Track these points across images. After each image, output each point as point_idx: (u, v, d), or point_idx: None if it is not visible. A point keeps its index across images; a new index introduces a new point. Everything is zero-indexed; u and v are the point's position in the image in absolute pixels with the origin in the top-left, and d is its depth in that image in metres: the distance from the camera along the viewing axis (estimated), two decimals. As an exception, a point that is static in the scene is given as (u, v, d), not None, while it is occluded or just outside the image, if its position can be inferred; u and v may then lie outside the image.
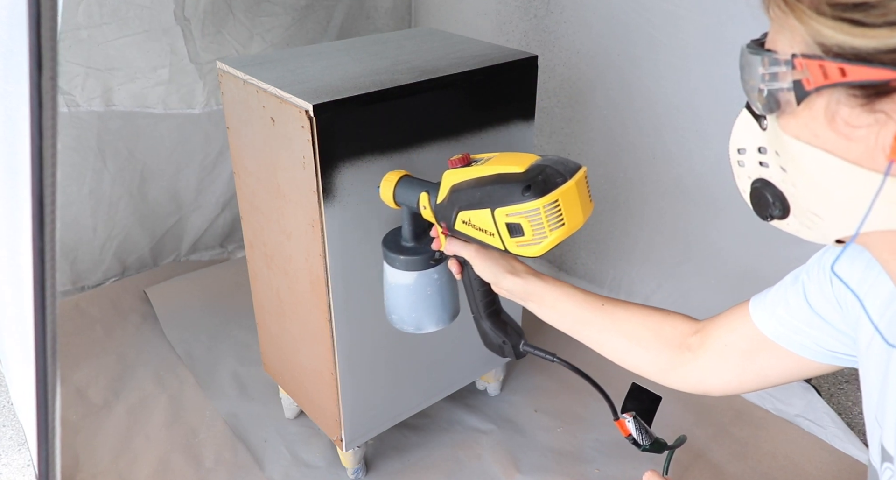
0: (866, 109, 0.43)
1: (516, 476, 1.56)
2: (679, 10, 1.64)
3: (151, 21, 1.91)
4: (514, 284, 0.89)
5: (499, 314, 0.98)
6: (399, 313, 1.05)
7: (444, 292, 1.03)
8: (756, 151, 0.54)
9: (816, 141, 0.47)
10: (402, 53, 1.34)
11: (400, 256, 1.00)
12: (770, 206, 0.54)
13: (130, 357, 1.92)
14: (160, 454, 1.61)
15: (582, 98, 1.95)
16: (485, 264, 0.89)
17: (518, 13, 2.01)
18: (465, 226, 0.85)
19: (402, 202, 0.97)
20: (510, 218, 0.79)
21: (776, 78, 0.47)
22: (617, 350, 0.87)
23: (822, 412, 1.69)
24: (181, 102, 2.06)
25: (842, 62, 0.42)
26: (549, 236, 0.78)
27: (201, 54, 2.01)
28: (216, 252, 2.37)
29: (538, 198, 0.77)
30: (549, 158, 0.82)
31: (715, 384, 0.80)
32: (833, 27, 0.41)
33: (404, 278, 1.01)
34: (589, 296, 0.88)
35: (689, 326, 0.82)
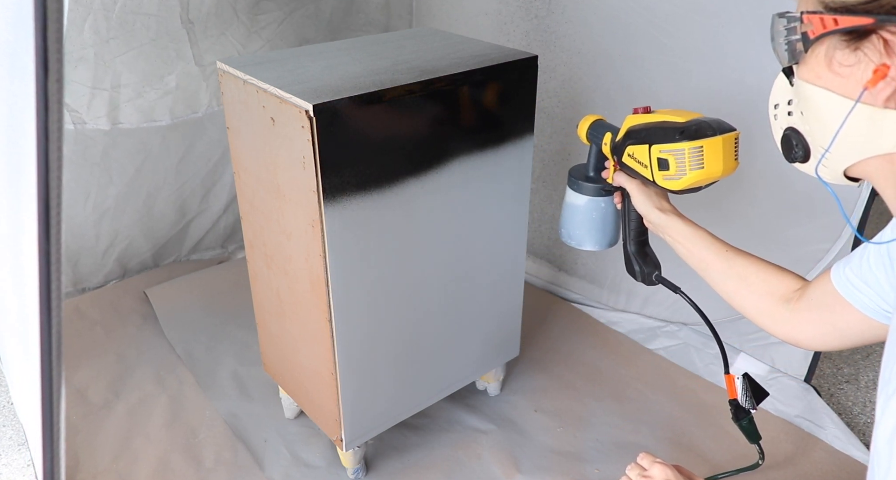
0: (853, 50, 0.57)
1: (516, 476, 1.56)
2: (680, 11, 1.64)
3: (158, 29, 1.90)
4: (660, 218, 1.07)
5: (645, 245, 1.18)
6: (568, 228, 1.23)
7: (606, 220, 1.21)
8: (786, 103, 0.68)
9: (819, 81, 0.61)
10: (402, 53, 1.34)
11: (579, 181, 1.19)
12: (794, 148, 0.68)
13: (130, 358, 1.92)
14: (160, 454, 1.61)
15: (583, 98, 1.95)
16: (640, 198, 1.08)
17: (519, 13, 2.01)
18: (629, 159, 1.03)
19: (591, 139, 1.16)
20: (662, 154, 0.97)
21: (792, 32, 0.62)
22: (729, 290, 1.00)
23: (822, 413, 1.69)
24: (187, 109, 2.05)
25: (835, 14, 0.57)
26: (688, 174, 0.95)
27: (204, 56, 2.01)
28: (217, 252, 2.37)
29: (687, 141, 0.94)
30: (710, 117, 0.97)
31: (803, 335, 0.91)
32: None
33: (578, 199, 1.20)
34: (717, 241, 1.03)
35: (796, 282, 0.94)
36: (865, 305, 0.79)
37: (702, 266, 1.03)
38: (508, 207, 1.48)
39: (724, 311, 1.88)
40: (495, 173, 1.41)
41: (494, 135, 1.37)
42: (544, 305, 2.15)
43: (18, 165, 0.53)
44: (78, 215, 2.02)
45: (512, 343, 1.70)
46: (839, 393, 1.87)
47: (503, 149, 1.40)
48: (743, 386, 1.05)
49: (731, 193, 1.67)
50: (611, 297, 2.10)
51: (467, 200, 1.38)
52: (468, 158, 1.34)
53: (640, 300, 2.04)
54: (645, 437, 1.64)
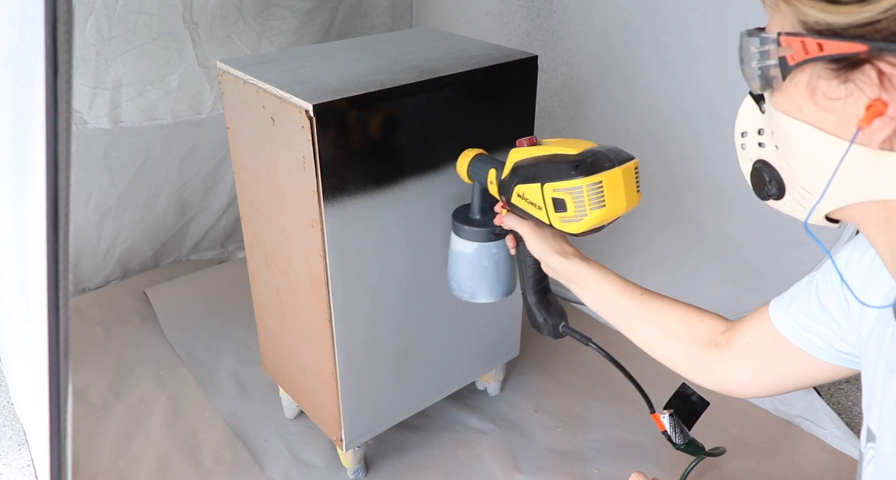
0: (841, 82, 0.47)
1: (516, 476, 1.55)
2: (682, 10, 1.64)
3: (160, 28, 1.90)
4: (561, 264, 0.95)
5: (546, 292, 1.05)
6: (458, 280, 1.14)
7: (500, 267, 1.11)
8: (756, 133, 0.58)
9: (800, 114, 0.51)
10: (402, 53, 1.34)
11: (465, 226, 1.09)
12: (767, 185, 0.58)
13: (130, 357, 1.91)
14: (160, 454, 1.61)
15: (584, 98, 1.95)
16: (536, 242, 0.96)
17: (521, 13, 2.01)
18: (520, 199, 0.93)
19: (474, 177, 1.07)
20: (556, 193, 0.86)
21: (766, 55, 0.52)
22: (649, 340, 0.90)
23: (821, 413, 1.69)
24: (189, 109, 2.05)
25: (820, 38, 0.47)
26: (589, 215, 0.85)
27: (209, 58, 2.01)
28: (217, 252, 2.37)
29: (583, 177, 0.83)
30: (604, 146, 0.88)
31: (738, 383, 0.82)
32: (813, 6, 0.46)
33: (466, 247, 1.11)
34: (629, 284, 0.92)
35: (721, 324, 0.85)
36: (818, 347, 0.71)
37: (614, 314, 0.93)
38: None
39: (722, 312, 1.88)
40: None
41: (495, 135, 1.36)
42: (544, 305, 2.15)
43: (23, 165, 0.53)
44: (79, 216, 2.02)
45: (512, 343, 1.70)
46: (839, 393, 1.87)
47: (504, 150, 1.39)
48: (671, 424, 0.97)
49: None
50: (611, 297, 2.10)
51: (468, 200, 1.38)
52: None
53: (640, 299, 2.04)
54: (645, 437, 1.64)
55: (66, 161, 0.41)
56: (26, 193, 0.51)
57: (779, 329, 0.75)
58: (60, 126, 0.40)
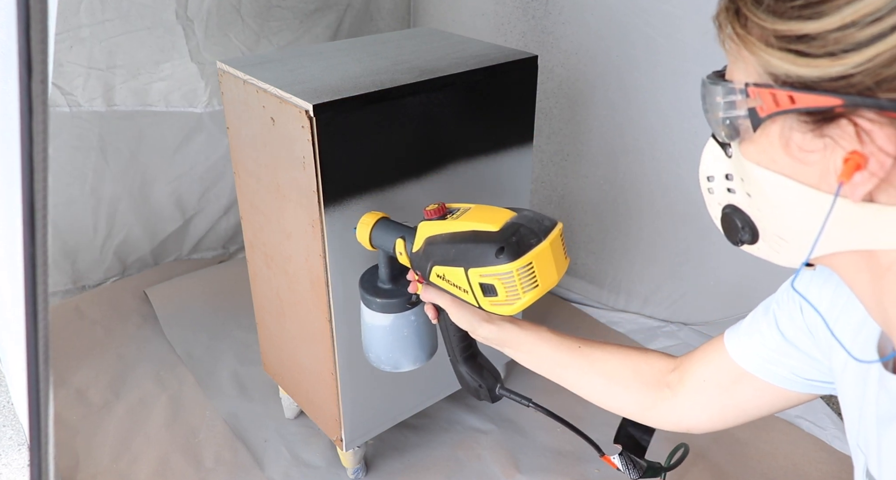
0: (816, 135, 0.45)
1: (516, 476, 1.56)
2: (677, 12, 1.64)
3: (153, 18, 1.91)
4: (490, 331, 0.89)
5: (475, 357, 0.97)
6: (376, 352, 1.05)
7: (420, 333, 1.03)
8: (724, 178, 0.56)
9: (775, 166, 0.49)
10: (402, 53, 1.34)
11: (376, 298, 0.99)
12: (739, 231, 0.55)
13: (130, 357, 1.92)
14: (160, 454, 1.61)
15: (580, 99, 1.95)
16: (460, 313, 0.88)
17: (517, 14, 2.01)
18: (440, 280, 0.84)
19: (379, 246, 0.97)
20: (484, 279, 0.79)
21: (733, 106, 0.49)
22: (596, 391, 0.87)
23: (821, 413, 1.69)
24: (183, 100, 2.06)
25: (790, 90, 0.44)
26: (523, 298, 0.78)
27: (204, 55, 2.01)
28: (218, 253, 2.38)
29: (512, 261, 0.76)
30: (524, 215, 0.82)
31: (696, 421, 0.79)
32: (781, 58, 0.44)
33: (381, 319, 1.01)
34: (565, 339, 0.88)
35: (667, 363, 0.82)
36: (785, 378, 0.69)
37: (556, 372, 0.89)
38: (509, 205, 1.48)
39: (722, 311, 1.89)
40: (496, 175, 1.41)
41: (495, 135, 1.37)
42: (544, 305, 2.15)
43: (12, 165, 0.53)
44: (75, 200, 2.02)
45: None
46: (839, 393, 1.87)
47: (504, 151, 1.40)
48: (622, 462, 0.93)
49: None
50: (611, 297, 2.10)
51: (469, 201, 1.38)
52: (468, 160, 1.34)
53: (640, 300, 2.04)
54: (645, 437, 1.64)
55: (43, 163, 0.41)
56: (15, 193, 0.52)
57: (739, 364, 0.72)
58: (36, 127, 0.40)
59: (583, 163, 2.03)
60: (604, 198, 2.00)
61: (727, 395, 0.74)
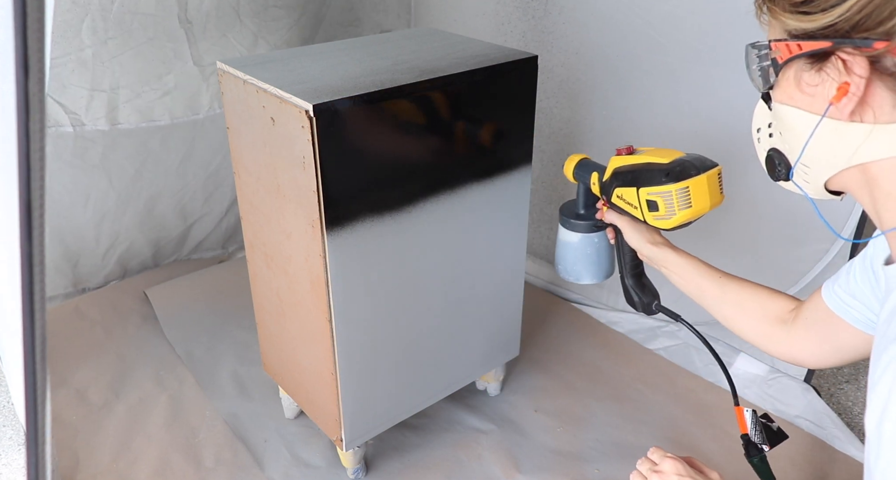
0: (817, 71, 0.61)
1: (516, 476, 1.56)
2: (677, 11, 1.64)
3: (156, 28, 1.89)
4: (652, 252, 1.10)
5: (641, 276, 1.19)
6: (564, 265, 1.26)
7: (601, 253, 1.23)
8: (767, 126, 0.73)
9: (792, 101, 0.66)
10: (402, 53, 1.34)
11: (570, 219, 1.21)
12: (777, 167, 0.72)
13: (130, 358, 1.92)
14: (160, 454, 1.61)
15: (580, 99, 1.95)
16: (632, 233, 1.11)
17: (517, 13, 2.01)
18: (619, 200, 1.06)
19: (578, 178, 1.19)
20: (650, 196, 1.00)
21: (763, 59, 0.67)
22: (726, 316, 1.03)
23: (821, 413, 1.69)
24: (187, 110, 2.05)
25: (798, 40, 0.61)
26: (678, 214, 0.98)
27: (204, 57, 2.01)
28: (217, 252, 2.38)
29: (673, 183, 0.97)
30: (692, 155, 1.01)
31: (802, 354, 0.94)
32: (793, 18, 0.61)
33: (572, 237, 1.22)
34: (710, 269, 1.06)
35: (789, 303, 0.97)
36: (857, 319, 0.82)
37: (698, 294, 1.07)
38: (509, 207, 1.48)
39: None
40: (498, 178, 1.41)
41: (495, 135, 1.37)
42: (544, 305, 2.15)
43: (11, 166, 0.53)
44: (77, 217, 2.01)
45: (512, 343, 1.70)
46: (839, 393, 1.87)
47: (504, 151, 1.40)
48: (753, 421, 1.05)
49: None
50: (611, 297, 2.10)
51: (469, 201, 1.38)
52: (468, 159, 1.34)
53: (639, 299, 2.04)
54: (645, 437, 1.64)
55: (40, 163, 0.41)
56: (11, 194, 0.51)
57: (828, 305, 0.85)
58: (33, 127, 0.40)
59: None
60: (604, 198, 2.00)
61: (823, 332, 0.88)
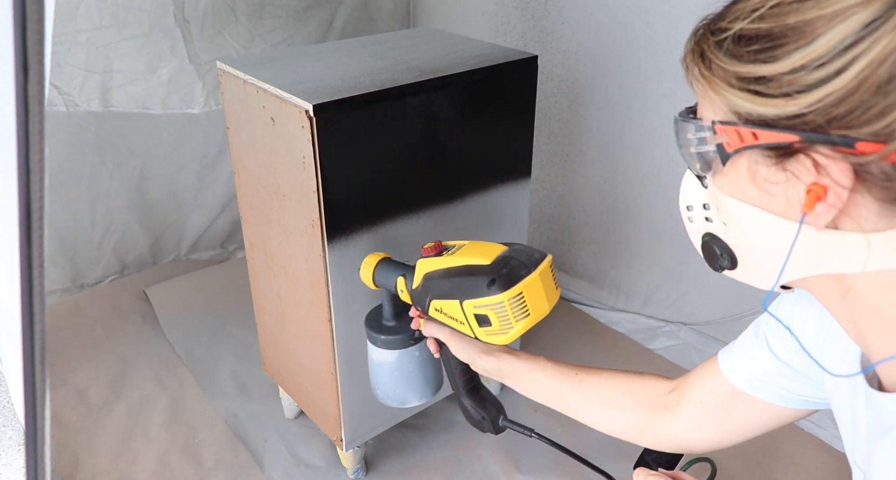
0: (779, 168, 0.48)
1: (516, 476, 1.56)
2: (676, 12, 1.64)
3: (151, 24, 1.90)
4: (489, 363, 0.91)
5: (478, 390, 1.00)
6: (384, 388, 1.10)
7: (425, 369, 1.07)
8: (702, 207, 0.58)
9: (745, 197, 0.52)
10: (402, 53, 1.34)
11: (381, 335, 1.04)
12: (719, 258, 0.59)
13: (130, 357, 1.92)
14: (160, 454, 1.61)
15: (580, 99, 1.95)
16: (460, 346, 0.92)
17: (516, 14, 2.01)
18: (438, 313, 0.89)
19: (381, 285, 1.02)
20: (478, 310, 0.83)
21: (703, 142, 0.53)
22: (595, 417, 0.89)
23: (822, 413, 1.69)
24: (181, 103, 2.06)
25: (753, 127, 0.48)
26: (515, 327, 0.82)
27: (200, 55, 2.02)
28: (216, 252, 2.37)
29: (503, 291, 0.81)
30: (515, 249, 0.86)
31: (696, 441, 0.81)
32: (742, 97, 0.47)
33: (386, 356, 1.06)
34: (563, 367, 0.90)
35: (664, 385, 0.83)
36: (781, 397, 0.71)
37: (555, 399, 0.92)
38: (510, 207, 1.48)
39: (722, 311, 1.89)
40: (496, 172, 1.41)
41: (495, 135, 1.37)
42: (544, 305, 2.15)
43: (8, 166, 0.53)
44: (72, 198, 2.02)
45: (511, 343, 1.70)
46: (839, 393, 1.87)
47: (504, 151, 1.40)
48: None
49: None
50: (611, 297, 2.10)
51: (470, 202, 1.38)
52: (468, 159, 1.34)
53: (640, 300, 2.04)
54: (645, 437, 1.64)
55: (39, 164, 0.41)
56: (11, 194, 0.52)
57: (734, 383, 0.74)
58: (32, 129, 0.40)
59: (583, 163, 2.03)
60: (604, 198, 2.00)
61: (725, 414, 0.76)
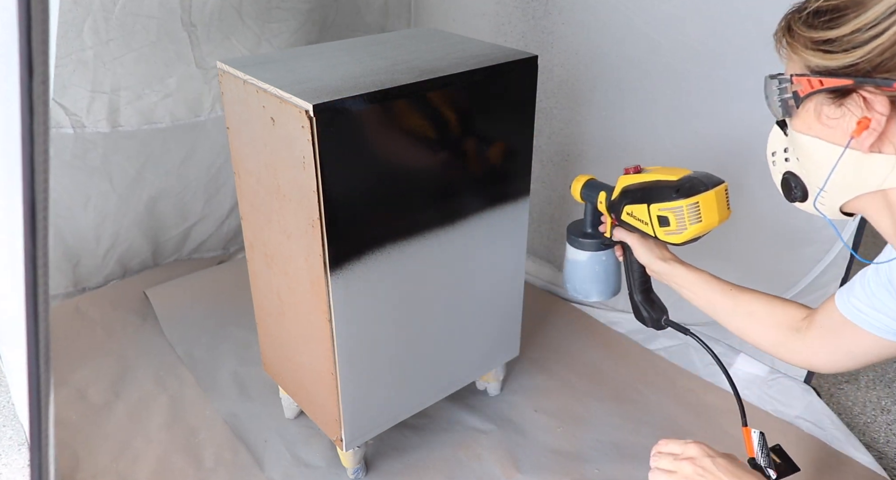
0: (837, 106, 0.65)
1: (516, 476, 1.56)
2: (677, 12, 1.64)
3: (158, 31, 1.88)
4: (662, 267, 1.12)
5: (649, 292, 1.21)
6: (573, 283, 1.28)
7: (609, 272, 1.25)
8: (783, 151, 0.76)
9: (811, 131, 0.69)
10: (402, 53, 1.34)
11: (579, 238, 1.24)
12: (793, 190, 0.76)
13: (130, 358, 1.92)
14: (160, 454, 1.61)
15: (580, 99, 1.95)
16: (642, 250, 1.14)
17: (516, 14, 2.01)
18: (629, 217, 1.09)
19: (586, 198, 1.21)
20: (661, 212, 1.03)
21: (784, 91, 0.70)
22: (739, 327, 1.05)
23: (821, 414, 1.69)
24: (188, 112, 2.04)
25: (820, 76, 0.65)
26: (689, 229, 1.01)
27: (207, 60, 2.00)
28: (217, 253, 2.37)
29: (684, 199, 1.00)
30: (699, 172, 1.04)
31: (818, 361, 0.95)
32: (814, 55, 0.65)
33: (581, 255, 1.25)
34: (720, 282, 1.08)
35: (801, 311, 0.99)
36: (878, 327, 0.83)
37: (709, 307, 1.08)
38: (510, 211, 1.48)
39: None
40: (496, 172, 1.41)
41: (495, 135, 1.37)
42: (544, 305, 2.15)
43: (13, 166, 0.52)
44: (78, 219, 2.01)
45: (512, 343, 1.70)
46: (839, 393, 1.87)
47: (503, 150, 1.40)
48: (760, 444, 1.03)
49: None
50: (610, 297, 2.10)
51: (470, 203, 1.38)
52: (468, 159, 1.34)
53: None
54: (645, 437, 1.64)
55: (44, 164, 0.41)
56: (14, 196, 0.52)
57: (843, 313, 0.87)
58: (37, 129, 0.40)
59: (583, 163, 2.03)
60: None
61: (839, 340, 0.90)
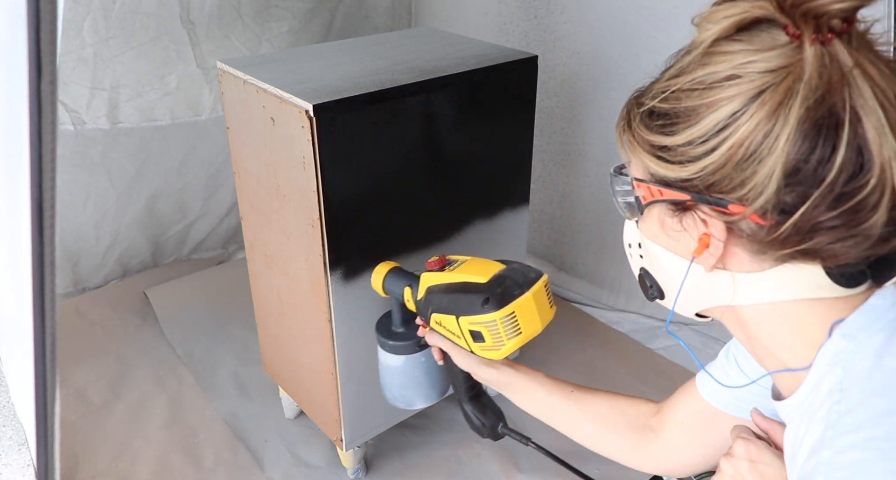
0: (678, 220, 0.60)
1: (516, 475, 1.56)
2: (679, 11, 1.64)
3: (158, 28, 1.88)
4: (489, 374, 0.96)
5: (480, 397, 1.04)
6: (392, 391, 1.14)
7: (431, 374, 1.11)
8: (637, 246, 0.69)
9: (657, 240, 0.64)
10: (402, 53, 1.34)
11: (389, 340, 1.09)
12: (649, 289, 0.69)
13: (130, 358, 1.91)
14: (160, 454, 1.61)
15: (583, 99, 1.95)
16: (461, 356, 0.96)
17: (519, 13, 2.01)
18: (438, 326, 0.93)
19: (390, 292, 1.06)
20: (472, 326, 0.87)
21: (628, 193, 0.65)
22: (586, 435, 0.94)
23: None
24: (188, 110, 2.04)
25: (659, 186, 0.59)
26: (507, 344, 0.87)
27: (207, 59, 2.00)
28: (217, 253, 2.37)
29: (495, 310, 0.85)
30: (512, 268, 0.91)
31: (680, 461, 0.84)
32: (652, 161, 0.58)
33: (394, 360, 1.10)
34: (559, 384, 0.95)
35: (650, 407, 0.88)
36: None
37: (549, 414, 0.96)
38: (510, 217, 1.48)
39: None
40: (496, 173, 1.41)
41: (495, 135, 1.37)
42: (544, 305, 2.15)
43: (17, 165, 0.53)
44: (78, 216, 2.01)
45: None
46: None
47: (503, 151, 1.40)
48: None
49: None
50: (611, 297, 2.10)
51: (469, 206, 1.38)
52: (468, 159, 1.34)
53: (640, 299, 2.04)
54: (645, 437, 1.64)
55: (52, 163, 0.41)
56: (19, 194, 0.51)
57: (712, 404, 0.78)
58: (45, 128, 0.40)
59: (584, 163, 2.03)
60: (604, 198, 2.00)
61: (706, 434, 0.80)
